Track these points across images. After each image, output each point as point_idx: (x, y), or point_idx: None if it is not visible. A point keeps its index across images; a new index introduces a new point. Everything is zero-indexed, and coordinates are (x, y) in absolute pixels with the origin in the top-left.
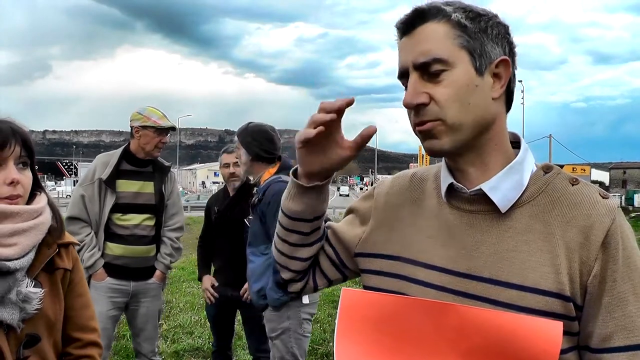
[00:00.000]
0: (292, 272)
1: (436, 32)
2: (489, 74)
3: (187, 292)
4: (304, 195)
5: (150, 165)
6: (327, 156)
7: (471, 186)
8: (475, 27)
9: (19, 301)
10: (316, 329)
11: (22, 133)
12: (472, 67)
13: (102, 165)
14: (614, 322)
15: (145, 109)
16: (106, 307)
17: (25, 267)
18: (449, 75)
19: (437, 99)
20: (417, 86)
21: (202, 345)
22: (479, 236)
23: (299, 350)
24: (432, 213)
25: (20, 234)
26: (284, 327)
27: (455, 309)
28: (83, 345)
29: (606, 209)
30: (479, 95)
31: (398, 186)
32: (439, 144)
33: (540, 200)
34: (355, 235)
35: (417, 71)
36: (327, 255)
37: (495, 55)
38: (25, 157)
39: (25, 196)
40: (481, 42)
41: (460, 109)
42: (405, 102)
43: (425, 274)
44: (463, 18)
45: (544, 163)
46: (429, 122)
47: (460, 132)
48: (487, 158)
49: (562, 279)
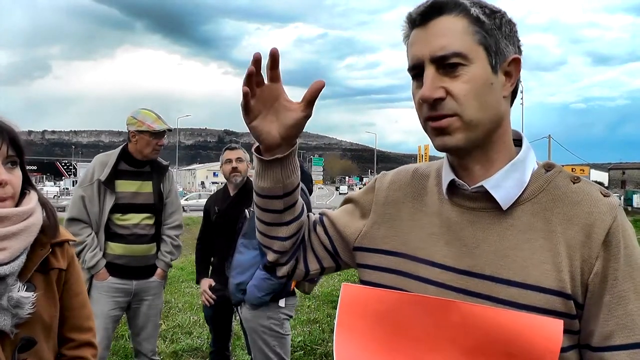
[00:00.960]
0: (275, 252)
1: (455, 26)
2: (501, 72)
3: (186, 292)
4: (269, 169)
5: (148, 165)
6: (280, 122)
7: (473, 183)
8: (492, 24)
9: (10, 307)
10: (315, 329)
11: (9, 131)
12: (489, 65)
13: (101, 165)
14: (614, 320)
15: (139, 113)
16: (108, 306)
17: (16, 271)
18: (467, 71)
19: (455, 95)
20: (435, 80)
21: (201, 345)
22: (480, 234)
23: (282, 349)
24: (433, 210)
25: (10, 237)
26: (265, 325)
27: (457, 306)
28: (77, 346)
29: (607, 207)
30: (494, 93)
31: (399, 181)
32: (454, 140)
33: (542, 198)
34: (355, 229)
35: (433, 64)
36: (321, 242)
37: (509, 53)
38: (13, 156)
39: (15, 196)
40: (496, 40)
41: (478, 107)
42: (423, 96)
43: (426, 271)
44: (481, 14)
45: (545, 161)
46: (445, 117)
47: (475, 129)
48: (494, 156)
49: (563, 277)
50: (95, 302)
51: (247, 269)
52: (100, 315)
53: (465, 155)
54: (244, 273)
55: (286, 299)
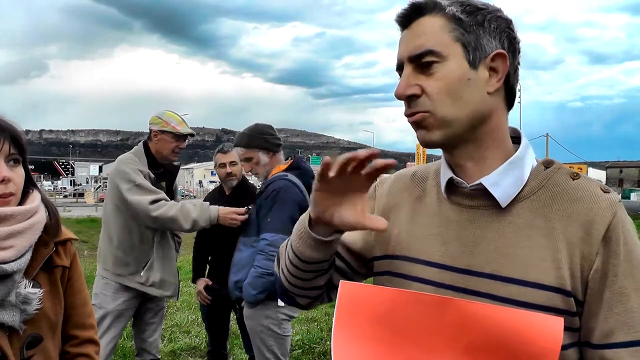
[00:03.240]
0: (311, 298)
1: (432, 25)
2: (484, 67)
3: (184, 291)
4: (325, 246)
5: (161, 166)
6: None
7: (470, 181)
8: (472, 21)
9: (19, 303)
10: (313, 327)
11: (11, 129)
12: (466, 61)
13: (135, 171)
14: (615, 317)
15: (164, 113)
16: (122, 305)
17: (22, 268)
18: (441, 67)
19: (429, 92)
20: (409, 78)
21: (199, 344)
22: (479, 232)
23: (280, 349)
24: (432, 210)
25: (16, 235)
26: (263, 325)
27: (455, 303)
28: (80, 342)
29: (607, 203)
30: (472, 89)
31: (398, 186)
32: (429, 135)
33: (541, 195)
34: (366, 242)
35: (411, 63)
36: (338, 269)
37: (491, 49)
38: (15, 155)
39: (18, 194)
40: (477, 35)
41: (451, 103)
42: (396, 93)
43: (423, 271)
44: (459, 12)
45: (544, 158)
46: (418, 112)
47: (450, 125)
48: (485, 152)
49: (563, 274)
50: (104, 303)
51: (243, 267)
52: (112, 315)
53: (452, 151)
54: (241, 271)
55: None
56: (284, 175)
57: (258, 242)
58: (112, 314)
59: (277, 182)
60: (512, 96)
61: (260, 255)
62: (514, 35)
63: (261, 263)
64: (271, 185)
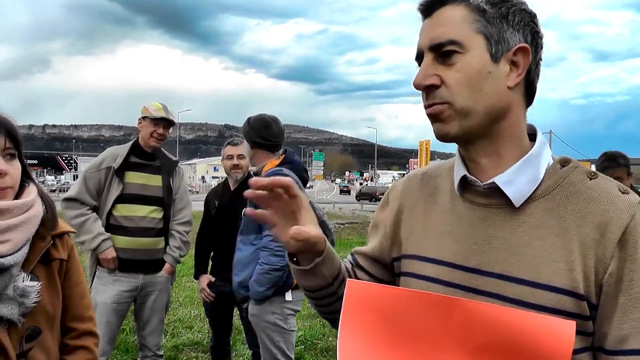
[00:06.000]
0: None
1: (454, 15)
2: (505, 61)
3: (187, 286)
4: (310, 274)
5: (157, 159)
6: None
7: (485, 178)
8: (495, 13)
9: (17, 296)
10: (315, 323)
11: (6, 124)
12: (487, 53)
13: (112, 156)
14: (630, 323)
15: (150, 103)
16: (111, 299)
17: (19, 262)
18: (461, 59)
19: (448, 83)
20: (429, 68)
21: (202, 339)
22: (491, 231)
23: (286, 344)
24: (444, 208)
25: (12, 229)
26: (269, 321)
27: (463, 304)
28: (78, 335)
29: (625, 205)
30: (492, 82)
31: (409, 188)
32: (446, 128)
33: (556, 195)
34: (384, 246)
35: (431, 53)
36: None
37: (514, 42)
38: (11, 149)
39: (15, 187)
40: (500, 28)
41: (470, 95)
42: (415, 82)
43: (433, 270)
44: (483, 2)
45: (561, 156)
46: (437, 104)
47: (468, 118)
48: (501, 149)
49: (575, 277)
50: (99, 294)
51: (246, 265)
52: (103, 307)
53: (468, 146)
54: (244, 270)
55: (292, 291)
56: (279, 170)
57: (259, 239)
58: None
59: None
60: (532, 92)
61: (264, 251)
62: (538, 30)
63: (266, 259)
64: None
